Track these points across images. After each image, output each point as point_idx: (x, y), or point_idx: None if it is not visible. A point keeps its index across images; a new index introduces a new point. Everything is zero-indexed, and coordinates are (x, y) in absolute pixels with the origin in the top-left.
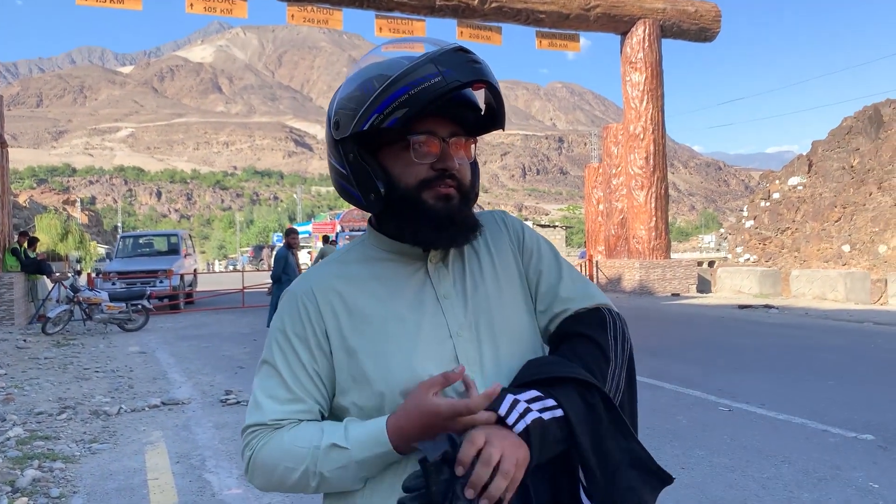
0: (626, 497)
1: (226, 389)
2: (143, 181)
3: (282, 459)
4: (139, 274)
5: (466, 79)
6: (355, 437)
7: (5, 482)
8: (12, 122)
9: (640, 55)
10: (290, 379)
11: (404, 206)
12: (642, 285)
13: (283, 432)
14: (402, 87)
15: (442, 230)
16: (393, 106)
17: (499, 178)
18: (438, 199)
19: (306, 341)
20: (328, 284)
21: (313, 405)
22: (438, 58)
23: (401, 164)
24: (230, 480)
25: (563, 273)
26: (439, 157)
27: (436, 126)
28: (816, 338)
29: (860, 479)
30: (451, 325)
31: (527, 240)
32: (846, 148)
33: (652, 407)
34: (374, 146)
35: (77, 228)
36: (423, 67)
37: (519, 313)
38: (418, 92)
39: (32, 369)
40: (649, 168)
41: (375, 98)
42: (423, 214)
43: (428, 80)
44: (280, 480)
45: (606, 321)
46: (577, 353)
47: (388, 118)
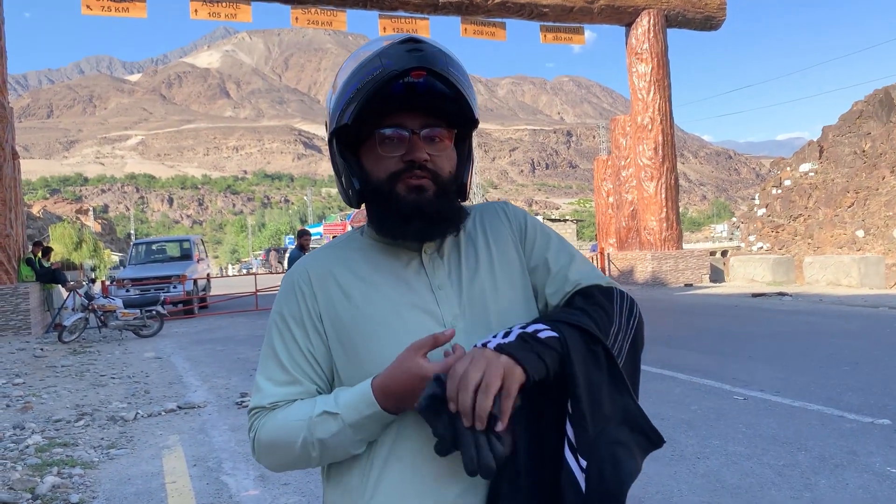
0: (614, 451)
1: (241, 392)
2: (155, 188)
3: (281, 435)
4: (153, 280)
5: (402, 67)
6: (344, 401)
7: (26, 489)
8: (23, 133)
9: (645, 46)
10: (287, 361)
11: (377, 198)
12: (655, 277)
13: (279, 411)
14: (353, 84)
15: (410, 222)
16: (347, 101)
17: (508, 173)
18: (410, 190)
19: (302, 323)
20: (325, 268)
21: (310, 386)
22: (384, 51)
23: (373, 159)
24: (247, 482)
25: (575, 258)
26: (408, 149)
27: (405, 119)
28: (831, 324)
29: (877, 463)
30: (444, 315)
31: (529, 229)
32: (857, 132)
33: (666, 397)
34: (355, 144)
35: (91, 237)
36: (370, 62)
37: (515, 305)
38: (363, 85)
39: (50, 377)
40: (658, 159)
41: (338, 97)
42: (394, 206)
43: (371, 74)
44: (284, 456)
45: (614, 294)
46: (581, 308)
47: (345, 113)
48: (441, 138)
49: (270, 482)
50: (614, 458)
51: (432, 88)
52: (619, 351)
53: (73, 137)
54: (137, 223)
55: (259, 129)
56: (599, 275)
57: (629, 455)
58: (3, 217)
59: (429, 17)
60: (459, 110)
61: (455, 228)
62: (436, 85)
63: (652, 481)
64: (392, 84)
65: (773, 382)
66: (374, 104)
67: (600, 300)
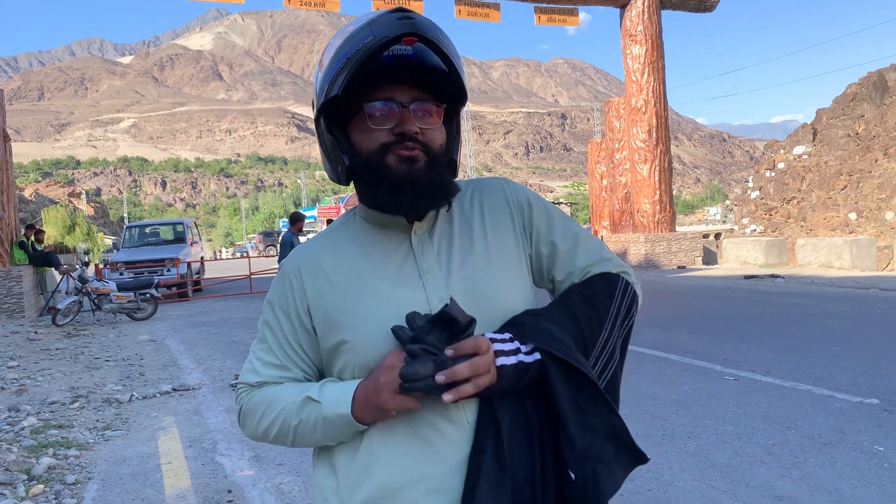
0: (596, 467)
1: (235, 374)
2: (148, 171)
3: (266, 409)
4: (146, 263)
5: (393, 33)
6: (328, 393)
7: (21, 470)
8: (15, 116)
9: (639, 28)
10: (276, 348)
11: (367, 171)
12: (648, 259)
13: (268, 388)
14: (343, 53)
15: (401, 193)
16: (337, 72)
17: (502, 156)
18: (401, 161)
19: (289, 315)
20: (314, 260)
21: (298, 372)
22: (374, 20)
23: (362, 133)
24: (242, 462)
25: (580, 239)
26: (398, 121)
27: (395, 93)
28: (822, 305)
29: (865, 442)
30: (430, 300)
31: (535, 211)
32: (851, 115)
33: (658, 378)
34: (342, 120)
35: (84, 220)
36: (360, 31)
37: (509, 288)
38: (353, 54)
39: (44, 360)
40: (652, 141)
41: (326, 71)
42: (384, 177)
43: (362, 42)
44: (265, 428)
45: (617, 289)
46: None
47: (335, 85)
48: (430, 113)
49: (265, 462)
50: (595, 475)
51: (422, 58)
52: (611, 356)
53: (65, 120)
54: (130, 206)
55: (252, 111)
56: (606, 255)
57: (609, 472)
58: None
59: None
60: (449, 86)
61: (447, 201)
62: (426, 55)
63: None
64: (382, 53)
65: (764, 363)
66: (364, 75)
67: (599, 297)
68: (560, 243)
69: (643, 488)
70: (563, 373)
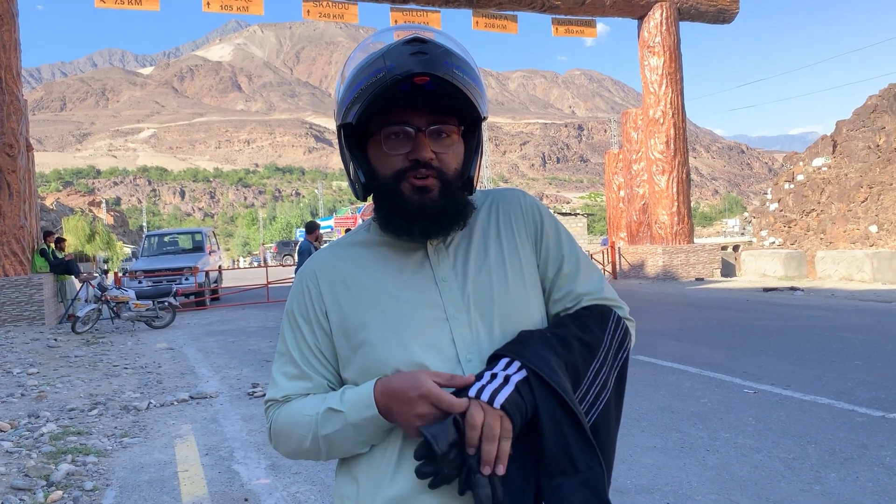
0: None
1: (252, 382)
2: (167, 181)
3: (293, 428)
4: (165, 272)
5: (404, 72)
6: (349, 399)
7: (40, 476)
8: (37, 126)
9: (657, 39)
10: (297, 356)
11: (383, 195)
12: (666, 271)
13: (292, 403)
14: (357, 83)
15: (414, 222)
16: (351, 101)
17: (518, 167)
18: (414, 190)
19: (309, 321)
20: (331, 266)
21: (321, 381)
22: (388, 51)
23: (379, 155)
24: (258, 471)
25: (581, 264)
26: (413, 148)
27: (411, 117)
28: (843, 318)
29: (888, 457)
30: (447, 308)
31: (546, 226)
32: (871, 127)
33: (676, 390)
34: (362, 137)
35: (103, 229)
36: (374, 62)
37: (522, 297)
38: (367, 87)
39: (63, 367)
40: (670, 152)
41: (343, 95)
42: (398, 205)
43: (375, 76)
44: (297, 447)
45: (609, 322)
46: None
47: (349, 113)
48: (448, 133)
49: (281, 471)
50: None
51: (439, 89)
52: (604, 386)
53: (86, 130)
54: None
55: (270, 122)
56: (604, 287)
57: None
58: (17, 208)
59: (440, 10)
60: (468, 105)
61: (461, 224)
62: (441, 86)
63: (661, 473)
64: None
65: (783, 376)
66: (380, 103)
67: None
68: (565, 265)
69: (661, 501)
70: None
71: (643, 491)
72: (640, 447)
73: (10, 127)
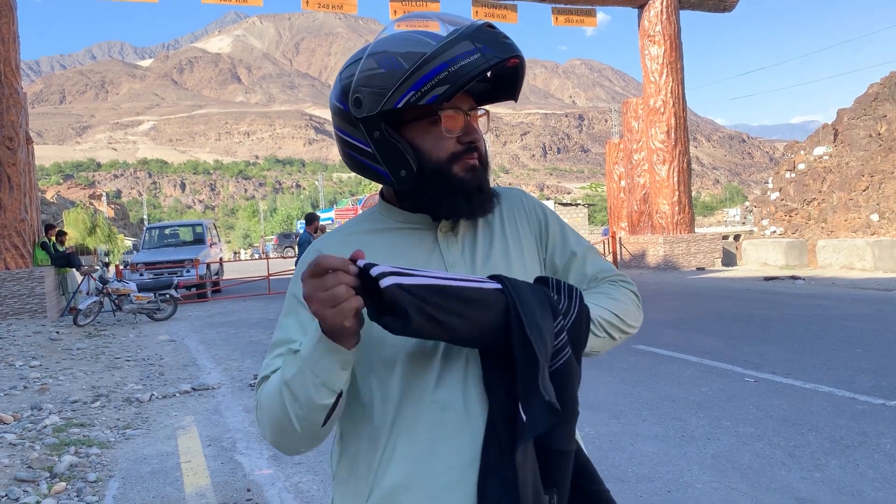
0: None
1: (254, 374)
2: (167, 173)
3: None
4: (166, 264)
5: (504, 55)
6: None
7: (44, 468)
8: (37, 119)
9: (658, 28)
10: (294, 334)
11: (437, 179)
12: (667, 260)
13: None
14: (441, 65)
15: (472, 200)
16: (431, 83)
17: (519, 158)
18: (467, 170)
19: None
20: (336, 251)
21: None
22: (474, 34)
23: (430, 139)
24: (261, 462)
25: (589, 254)
26: (465, 130)
27: (459, 100)
28: (843, 307)
29: (888, 445)
30: None
31: (550, 223)
32: (873, 115)
33: (677, 379)
34: (397, 122)
35: (104, 222)
36: (459, 45)
37: None
38: (458, 69)
39: (66, 360)
40: (671, 142)
41: (410, 76)
42: (456, 186)
43: (467, 58)
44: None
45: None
46: None
47: (427, 95)
48: (481, 118)
49: (284, 462)
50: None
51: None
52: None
53: (86, 123)
54: (150, 208)
55: (270, 114)
56: (612, 268)
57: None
58: (18, 202)
59: (439, 0)
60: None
61: (496, 203)
62: (514, 71)
63: (662, 461)
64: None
65: (784, 365)
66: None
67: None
68: (574, 252)
69: (662, 490)
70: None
71: (644, 479)
72: (642, 436)
73: (9, 120)
